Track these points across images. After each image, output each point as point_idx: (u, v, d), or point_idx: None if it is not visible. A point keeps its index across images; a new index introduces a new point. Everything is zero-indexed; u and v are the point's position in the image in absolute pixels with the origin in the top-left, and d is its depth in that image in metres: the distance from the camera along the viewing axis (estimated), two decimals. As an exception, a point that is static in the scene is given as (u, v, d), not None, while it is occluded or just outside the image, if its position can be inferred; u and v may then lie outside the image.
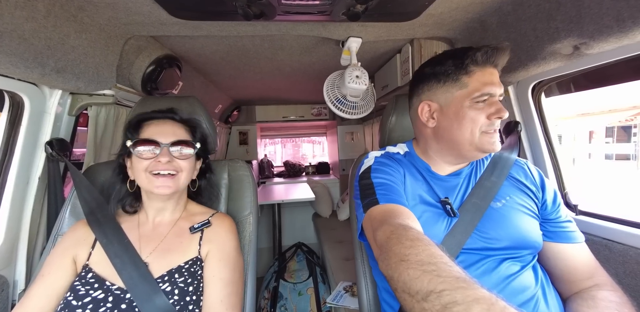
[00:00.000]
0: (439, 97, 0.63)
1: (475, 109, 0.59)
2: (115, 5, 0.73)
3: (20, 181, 0.79)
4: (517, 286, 0.55)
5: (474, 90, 0.58)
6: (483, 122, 0.59)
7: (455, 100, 0.61)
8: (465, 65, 0.59)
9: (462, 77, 0.60)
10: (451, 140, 0.62)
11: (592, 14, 0.59)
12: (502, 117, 0.58)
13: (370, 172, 0.64)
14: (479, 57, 0.58)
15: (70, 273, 0.59)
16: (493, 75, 0.59)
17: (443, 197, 0.62)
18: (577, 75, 0.80)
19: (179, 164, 0.64)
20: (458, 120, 0.60)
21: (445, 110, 0.62)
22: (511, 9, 0.76)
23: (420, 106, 0.66)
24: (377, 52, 1.25)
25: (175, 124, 0.68)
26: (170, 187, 0.63)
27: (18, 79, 0.72)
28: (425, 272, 0.34)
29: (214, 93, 1.86)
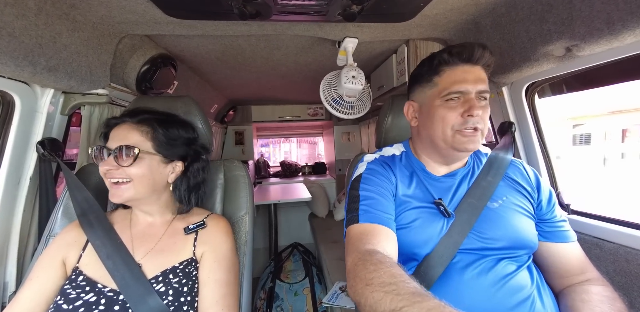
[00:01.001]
0: (417, 97, 0.67)
1: (446, 107, 0.60)
2: (108, 4, 0.72)
3: (10, 181, 0.78)
4: (513, 285, 0.55)
5: (443, 88, 0.60)
6: (455, 121, 0.59)
7: (427, 100, 0.64)
8: (435, 66, 0.62)
9: (434, 77, 0.62)
10: (428, 138, 0.65)
11: (583, 17, 0.60)
12: (473, 114, 0.57)
13: (360, 181, 0.65)
14: (445, 56, 0.60)
15: (60, 276, 0.58)
16: (467, 73, 0.59)
17: (437, 198, 0.62)
18: (569, 76, 0.81)
19: (125, 171, 0.59)
20: (430, 119, 0.62)
21: (422, 110, 0.65)
22: (505, 10, 0.77)
23: (406, 106, 0.70)
24: (373, 53, 1.25)
25: (130, 126, 0.62)
26: (120, 196, 0.60)
27: (8, 78, 0.71)
28: (387, 293, 0.38)
29: (210, 93, 1.84)
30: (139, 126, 0.62)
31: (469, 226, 0.59)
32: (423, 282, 0.56)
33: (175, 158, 0.66)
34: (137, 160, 0.60)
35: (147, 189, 0.62)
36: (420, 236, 0.60)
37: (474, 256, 0.58)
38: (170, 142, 0.65)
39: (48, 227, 0.73)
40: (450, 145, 0.61)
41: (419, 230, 0.60)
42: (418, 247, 0.59)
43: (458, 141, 0.60)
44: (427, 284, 0.56)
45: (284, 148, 3.63)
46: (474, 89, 0.58)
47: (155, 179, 0.63)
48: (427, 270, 0.57)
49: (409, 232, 0.60)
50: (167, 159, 0.65)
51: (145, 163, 0.61)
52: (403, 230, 0.61)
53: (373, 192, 0.62)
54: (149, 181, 0.62)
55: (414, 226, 0.60)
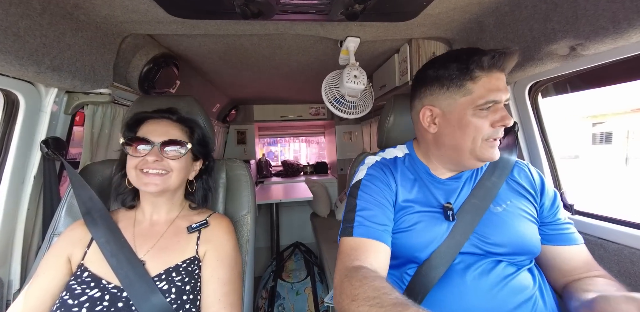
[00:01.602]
0: (442, 102, 0.60)
1: (479, 116, 0.57)
2: (112, 3, 0.73)
3: (15, 180, 0.79)
4: (515, 286, 0.55)
5: (479, 97, 0.56)
6: (487, 130, 0.57)
7: (458, 107, 0.58)
8: (470, 71, 0.56)
9: (467, 83, 0.57)
10: (452, 147, 0.61)
11: (587, 15, 0.59)
12: (507, 125, 0.56)
13: (358, 188, 0.64)
14: (485, 62, 0.55)
15: (65, 273, 0.59)
16: (499, 80, 0.57)
17: (445, 202, 0.61)
18: (574, 75, 0.80)
19: (168, 164, 0.64)
20: (461, 128, 0.58)
21: (447, 117, 0.60)
22: (508, 9, 0.77)
23: (422, 111, 0.63)
24: (375, 52, 1.25)
25: (171, 123, 0.68)
26: (157, 185, 0.63)
27: (13, 77, 0.71)
28: (371, 307, 0.41)
29: (212, 92, 1.85)
30: (178, 124, 0.68)
31: (472, 227, 0.59)
32: (424, 283, 0.56)
33: (200, 157, 0.73)
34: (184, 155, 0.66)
35: (180, 182, 0.67)
36: (421, 240, 0.59)
37: (475, 257, 0.58)
38: (201, 142, 0.72)
39: (52, 225, 0.74)
40: (476, 156, 0.59)
41: (420, 233, 0.60)
42: (418, 251, 0.59)
43: (486, 151, 0.58)
44: (428, 285, 0.56)
45: (293, 147, 3.65)
46: (504, 97, 0.57)
47: (186, 174, 0.69)
48: (428, 271, 0.57)
49: (410, 235, 0.60)
50: (194, 157, 0.71)
51: (185, 159, 0.67)
52: (404, 233, 0.60)
53: (370, 202, 0.61)
54: (184, 175, 0.68)
55: (415, 230, 0.60)
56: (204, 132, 0.74)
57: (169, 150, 0.64)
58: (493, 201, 0.62)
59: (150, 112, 0.69)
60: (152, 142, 0.63)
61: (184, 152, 0.66)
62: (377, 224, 0.58)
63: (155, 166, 0.62)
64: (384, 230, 0.58)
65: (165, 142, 0.64)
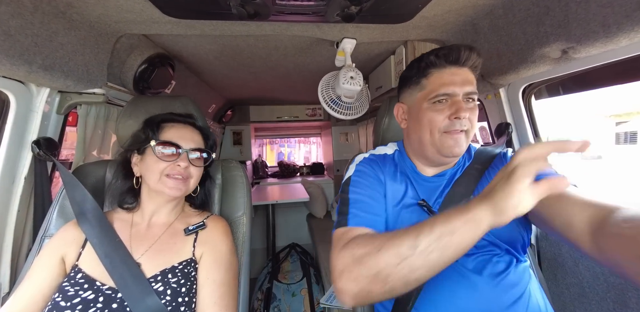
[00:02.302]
0: (407, 99, 0.67)
1: (434, 110, 0.60)
2: (105, 3, 0.72)
3: (5, 181, 0.77)
4: (508, 282, 0.55)
5: (430, 91, 0.60)
6: (442, 123, 0.59)
7: (416, 102, 0.63)
8: (423, 68, 0.61)
9: (421, 80, 0.62)
10: (417, 141, 0.64)
11: (579, 19, 0.60)
12: (460, 117, 0.57)
13: (349, 184, 0.65)
14: (432, 58, 0.60)
15: (58, 274, 0.58)
16: (455, 75, 0.59)
17: (420, 199, 0.62)
18: (566, 78, 0.82)
19: (190, 170, 0.66)
20: (419, 121, 0.62)
21: (410, 112, 0.66)
22: (502, 12, 0.78)
23: (395, 108, 0.70)
24: (372, 54, 1.26)
25: (194, 130, 0.69)
26: (180, 190, 0.64)
27: (3, 77, 0.70)
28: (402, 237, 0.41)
29: (208, 93, 1.84)
30: (199, 131, 0.70)
31: None
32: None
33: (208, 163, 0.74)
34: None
35: (194, 187, 0.69)
36: None
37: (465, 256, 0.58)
38: (213, 149, 0.74)
39: (43, 227, 0.73)
40: (437, 150, 0.61)
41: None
42: None
43: (445, 144, 0.59)
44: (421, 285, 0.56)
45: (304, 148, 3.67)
46: (461, 91, 0.58)
47: (199, 180, 0.70)
48: None
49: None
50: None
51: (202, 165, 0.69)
52: (390, 230, 0.61)
53: (362, 194, 0.62)
54: (198, 180, 0.69)
55: (400, 226, 0.60)
56: (215, 139, 0.76)
57: (194, 157, 0.66)
58: (476, 193, 0.62)
59: (175, 115, 0.71)
60: (182, 149, 0.64)
61: (207, 160, 0.69)
62: (372, 214, 0.59)
63: (182, 171, 0.64)
64: (378, 220, 0.59)
65: (194, 149, 0.66)
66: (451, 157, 0.63)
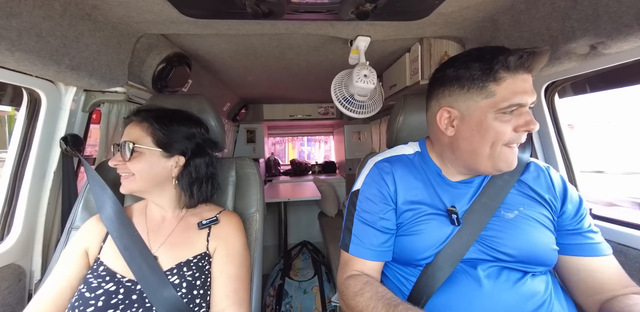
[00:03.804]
0: (461, 104, 0.56)
1: (501, 121, 0.53)
2: (127, 4, 0.75)
3: (37, 175, 0.82)
4: (526, 291, 0.53)
5: (502, 100, 0.52)
6: (508, 135, 0.53)
7: (479, 110, 0.54)
8: (494, 72, 0.52)
9: (490, 85, 0.53)
10: (469, 152, 0.57)
11: (610, 13, 0.57)
12: (531, 130, 0.52)
13: (357, 197, 0.66)
14: (512, 62, 0.51)
15: (83, 266, 0.62)
16: (526, 82, 0.52)
17: (450, 206, 0.60)
18: (594, 75, 0.78)
19: (128, 167, 0.63)
20: (480, 132, 0.54)
21: (467, 120, 0.56)
22: (524, 7, 0.75)
23: (439, 113, 0.60)
24: (386, 51, 1.24)
25: (134, 124, 0.66)
26: (124, 187, 0.64)
27: (35, 76, 0.74)
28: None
29: (223, 91, 1.87)
30: (140, 123, 0.66)
31: (480, 227, 0.57)
32: (429, 283, 0.56)
33: (176, 153, 0.67)
34: (135, 155, 0.63)
35: (149, 183, 0.65)
36: (423, 243, 0.58)
37: (483, 263, 0.56)
38: (169, 136, 0.66)
39: (70, 219, 0.77)
40: (494, 164, 0.55)
41: (422, 237, 0.58)
42: (419, 254, 0.58)
43: (505, 159, 0.55)
44: (434, 286, 0.55)
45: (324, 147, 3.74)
46: (530, 100, 0.52)
47: (156, 173, 0.65)
48: (434, 271, 0.56)
49: (412, 239, 0.59)
50: (168, 154, 0.66)
51: (145, 158, 0.64)
52: (407, 236, 0.60)
53: (366, 220, 0.62)
54: (149, 174, 0.64)
55: (417, 234, 0.59)
56: (175, 126, 0.67)
57: (125, 152, 0.63)
58: (505, 207, 0.59)
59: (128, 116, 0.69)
60: (117, 146, 0.65)
61: (128, 152, 0.62)
62: (371, 244, 0.61)
63: (119, 169, 0.65)
64: (377, 250, 0.61)
65: (121, 144, 0.63)
66: (503, 171, 0.58)
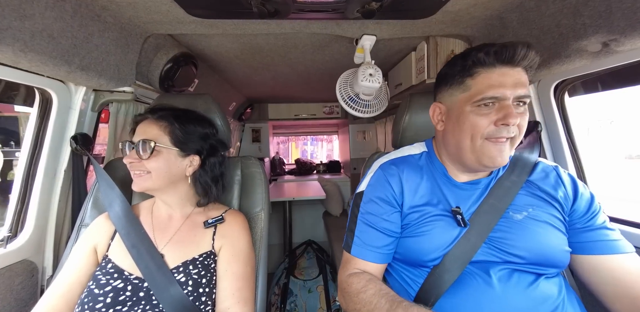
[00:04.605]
0: (446, 99, 0.61)
1: (478, 114, 0.54)
2: (136, 5, 0.76)
3: (48, 174, 0.84)
4: (538, 295, 0.52)
5: (477, 93, 0.54)
6: (487, 129, 0.54)
7: (457, 104, 0.58)
8: (469, 67, 0.55)
9: (466, 79, 0.56)
10: (454, 145, 0.59)
11: (623, 9, 0.55)
12: (509, 123, 0.52)
13: (361, 199, 0.65)
14: (482, 56, 0.53)
15: (92, 263, 0.63)
16: (505, 76, 0.53)
17: (454, 207, 0.59)
18: (606, 73, 0.76)
19: (144, 165, 0.63)
20: (459, 125, 0.57)
21: (450, 114, 0.60)
22: (534, 4, 0.73)
23: (432, 108, 0.65)
24: (392, 50, 1.23)
25: (150, 122, 0.66)
26: (139, 185, 0.65)
27: (47, 76, 0.76)
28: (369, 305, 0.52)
29: (228, 91, 1.89)
30: (158, 121, 0.66)
31: (488, 229, 0.57)
32: (437, 285, 0.55)
33: (192, 152, 0.69)
34: (154, 153, 0.64)
35: (164, 181, 0.66)
36: (430, 245, 0.58)
37: (493, 265, 0.56)
38: (187, 136, 0.67)
39: (80, 217, 0.78)
40: (477, 158, 0.56)
41: (429, 239, 0.58)
42: (426, 255, 0.57)
43: (487, 153, 0.55)
44: (442, 288, 0.55)
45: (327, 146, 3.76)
46: (512, 94, 0.52)
47: (172, 172, 0.66)
48: (442, 273, 0.56)
49: (418, 240, 0.59)
50: (184, 153, 0.67)
51: (163, 156, 0.65)
52: (412, 238, 0.59)
53: (369, 222, 0.62)
54: (166, 173, 0.65)
55: (423, 235, 0.58)
56: (192, 126, 0.69)
57: (140, 150, 0.63)
58: (513, 208, 0.59)
59: (139, 113, 0.70)
60: (132, 145, 0.64)
61: (149, 150, 0.63)
62: (372, 246, 0.61)
63: (134, 167, 0.64)
64: (380, 252, 0.61)
65: (138, 142, 0.63)
66: (491, 168, 0.58)
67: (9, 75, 0.69)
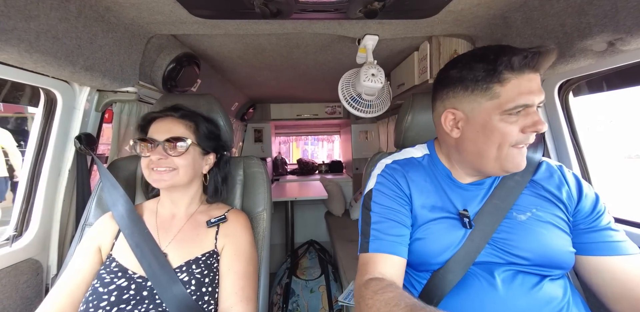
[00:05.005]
0: (465, 106, 0.55)
1: (507, 122, 0.51)
2: (139, 5, 0.76)
3: (53, 173, 0.85)
4: (543, 296, 0.51)
5: (507, 101, 0.50)
6: (515, 137, 0.52)
7: (484, 112, 0.53)
8: (499, 73, 0.51)
9: (494, 86, 0.51)
10: (475, 154, 0.56)
11: (629, 8, 0.55)
12: (539, 130, 0.51)
13: (371, 198, 0.63)
14: (516, 62, 0.49)
15: (96, 262, 0.63)
16: (532, 81, 0.51)
17: (462, 209, 0.58)
18: (611, 72, 0.75)
19: (173, 161, 0.65)
20: (485, 134, 0.53)
21: (471, 122, 0.55)
22: (538, 4, 0.73)
23: (444, 114, 0.59)
24: (394, 50, 1.23)
25: (174, 120, 0.68)
26: (165, 181, 0.65)
27: (52, 77, 0.77)
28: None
29: (231, 91, 1.89)
30: (182, 120, 0.69)
31: (492, 230, 0.56)
32: (440, 286, 0.55)
33: (210, 150, 0.73)
34: (187, 151, 0.66)
35: (188, 178, 0.68)
36: (436, 247, 0.57)
37: (496, 266, 0.55)
38: (209, 135, 0.72)
39: (84, 216, 0.79)
40: (501, 165, 0.54)
41: (435, 241, 0.58)
42: (432, 258, 0.57)
43: (513, 160, 0.53)
44: (445, 289, 0.55)
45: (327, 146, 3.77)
46: (537, 100, 0.51)
47: (195, 169, 0.69)
48: (445, 274, 0.55)
49: (424, 243, 0.58)
50: (204, 151, 0.71)
51: (190, 154, 0.67)
52: (418, 241, 0.59)
53: (383, 213, 0.60)
54: (191, 170, 0.68)
55: (429, 238, 0.58)
56: (211, 126, 0.74)
57: (171, 148, 0.65)
58: (517, 208, 0.58)
59: (156, 111, 0.71)
60: (156, 141, 0.65)
61: (185, 147, 0.66)
62: (391, 235, 0.57)
63: (161, 163, 0.65)
64: (399, 242, 0.57)
65: (168, 139, 0.65)
66: (512, 172, 0.57)
67: (15, 76, 0.69)
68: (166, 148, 0.65)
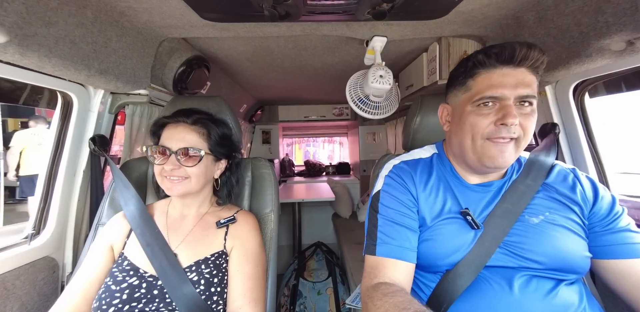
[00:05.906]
0: (451, 100, 0.63)
1: (477, 114, 0.55)
2: (151, 10, 0.78)
3: (69, 173, 0.87)
4: (559, 302, 0.50)
5: (475, 93, 0.56)
6: (487, 129, 0.54)
7: (460, 104, 0.59)
8: (470, 68, 0.57)
9: (467, 80, 0.58)
10: (458, 145, 0.61)
11: None
12: (506, 123, 0.52)
13: (378, 200, 0.63)
14: (481, 58, 0.55)
15: (109, 260, 0.65)
16: (505, 76, 0.53)
17: (464, 208, 0.58)
18: (630, 73, 0.72)
19: (186, 171, 0.65)
20: (460, 125, 0.59)
21: (454, 114, 0.62)
22: (552, 3, 0.71)
23: (440, 108, 0.66)
24: (403, 51, 1.22)
25: (186, 128, 0.67)
26: (178, 190, 0.65)
27: (68, 80, 0.79)
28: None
29: (239, 93, 1.91)
30: (195, 127, 0.68)
31: (503, 234, 0.55)
32: (450, 291, 0.54)
33: (222, 157, 0.73)
34: (200, 161, 0.66)
35: (201, 185, 0.69)
36: (444, 249, 0.56)
37: (509, 270, 0.54)
38: (221, 142, 0.71)
39: (97, 216, 0.81)
40: (478, 158, 0.56)
41: (443, 242, 0.57)
42: (440, 260, 0.56)
43: (487, 153, 0.55)
44: (454, 294, 0.53)
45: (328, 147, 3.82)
46: (512, 94, 0.53)
47: (207, 176, 0.70)
48: (455, 278, 0.54)
49: (431, 244, 0.57)
50: (217, 158, 0.71)
51: (203, 163, 0.67)
52: (426, 242, 0.58)
53: (390, 216, 0.60)
54: (204, 178, 0.68)
55: (437, 239, 0.57)
56: (222, 132, 0.72)
57: (185, 157, 0.65)
58: (529, 211, 0.57)
59: (169, 116, 0.70)
60: (169, 151, 0.64)
61: (198, 158, 0.65)
62: (398, 240, 0.57)
63: (174, 173, 0.64)
64: (406, 247, 0.57)
65: (182, 149, 0.64)
66: (493, 168, 0.58)
67: (34, 80, 0.72)
68: (179, 158, 0.64)
